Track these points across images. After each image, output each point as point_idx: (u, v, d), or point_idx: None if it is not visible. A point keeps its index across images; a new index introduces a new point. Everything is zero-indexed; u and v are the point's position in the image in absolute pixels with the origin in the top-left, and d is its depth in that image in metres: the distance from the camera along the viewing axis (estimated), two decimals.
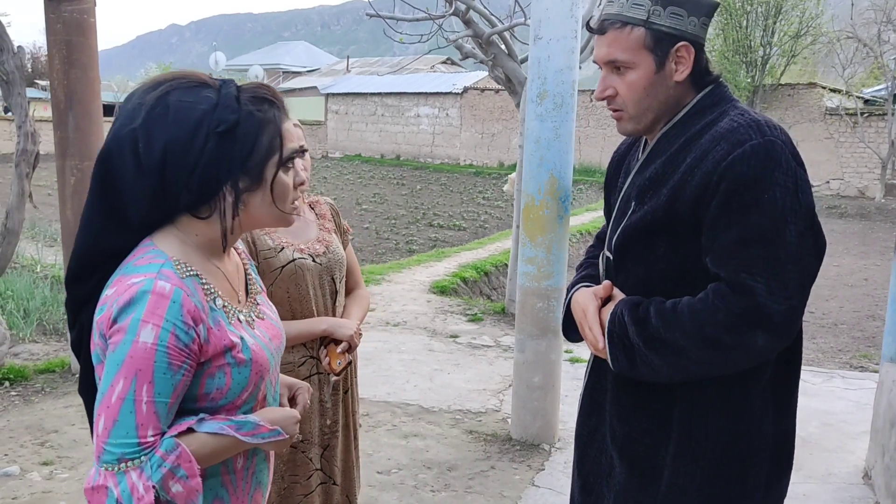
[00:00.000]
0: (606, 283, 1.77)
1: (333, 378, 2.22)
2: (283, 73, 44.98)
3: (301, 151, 2.23)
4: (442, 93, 28.84)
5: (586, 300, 1.76)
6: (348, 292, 2.49)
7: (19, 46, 4.49)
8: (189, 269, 1.34)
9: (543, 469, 4.03)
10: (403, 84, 30.62)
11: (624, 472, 1.74)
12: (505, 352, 6.17)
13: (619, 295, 1.74)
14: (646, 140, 1.79)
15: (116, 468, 1.24)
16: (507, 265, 8.54)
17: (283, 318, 2.20)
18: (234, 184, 1.34)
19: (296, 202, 1.45)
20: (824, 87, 21.72)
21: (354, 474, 2.48)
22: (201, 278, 1.36)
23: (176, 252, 1.35)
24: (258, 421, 1.39)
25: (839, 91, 21.77)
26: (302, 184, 1.46)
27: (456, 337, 6.61)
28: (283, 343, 1.56)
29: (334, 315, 2.35)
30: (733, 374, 1.60)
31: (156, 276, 1.29)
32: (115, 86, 40.27)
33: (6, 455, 3.94)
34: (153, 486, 1.23)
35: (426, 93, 29.35)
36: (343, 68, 40.62)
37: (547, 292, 4.21)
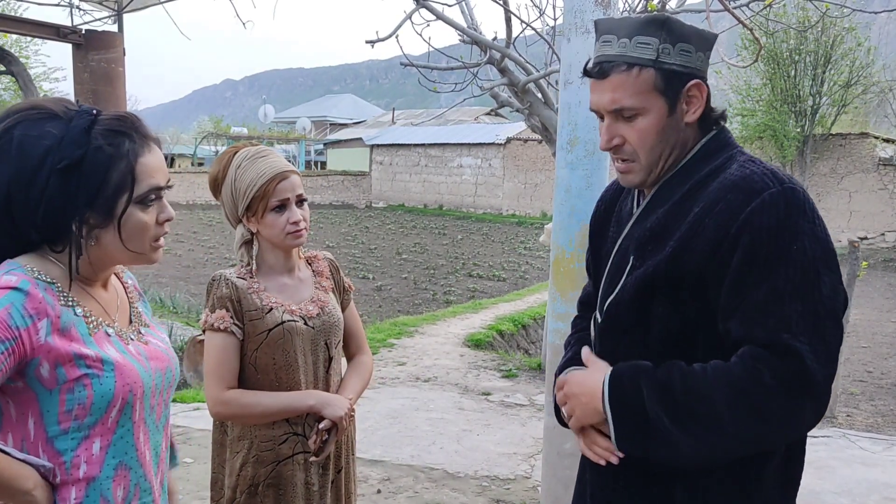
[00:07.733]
0: (585, 350, 1.58)
1: (312, 459, 1.98)
2: (331, 124, 45.81)
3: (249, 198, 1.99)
4: (485, 143, 28.90)
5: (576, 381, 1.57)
6: (349, 358, 2.24)
7: (44, 96, 4.44)
8: (45, 276, 1.29)
9: None
10: (447, 135, 30.78)
11: None
12: (539, 411, 5.83)
13: (597, 363, 1.54)
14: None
15: None
16: (545, 318, 8.25)
17: (269, 388, 1.99)
18: (81, 220, 1.29)
19: (160, 240, 1.37)
20: (877, 137, 21.08)
21: None
22: (58, 286, 1.30)
23: (35, 265, 1.30)
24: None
25: (892, 141, 21.13)
26: (169, 219, 1.34)
27: (488, 394, 6.32)
28: (169, 371, 1.44)
29: (327, 386, 2.09)
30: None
31: (2, 274, 1.25)
32: (168, 137, 41.52)
33: None
34: None
35: (469, 143, 29.45)
36: (388, 120, 41.15)
37: None
